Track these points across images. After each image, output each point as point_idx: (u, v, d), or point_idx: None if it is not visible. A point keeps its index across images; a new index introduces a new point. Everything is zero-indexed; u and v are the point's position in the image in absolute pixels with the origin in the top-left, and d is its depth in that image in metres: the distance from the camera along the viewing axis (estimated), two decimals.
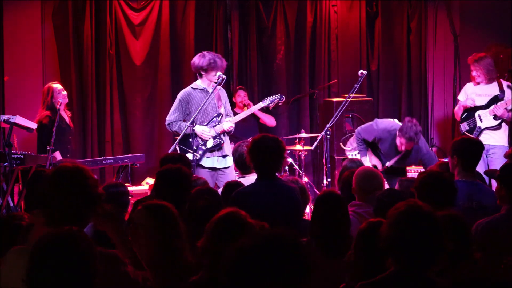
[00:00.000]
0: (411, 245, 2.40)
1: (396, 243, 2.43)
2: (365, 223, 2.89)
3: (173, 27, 8.11)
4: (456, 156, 4.09)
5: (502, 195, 3.49)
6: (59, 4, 7.75)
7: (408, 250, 2.41)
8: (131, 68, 8.05)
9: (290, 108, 8.38)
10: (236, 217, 2.66)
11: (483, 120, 6.54)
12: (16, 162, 5.48)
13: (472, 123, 6.60)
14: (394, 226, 2.45)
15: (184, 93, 5.99)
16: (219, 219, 2.68)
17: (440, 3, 8.44)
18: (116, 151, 7.93)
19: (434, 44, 8.47)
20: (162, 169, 3.85)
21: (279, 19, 8.31)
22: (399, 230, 2.43)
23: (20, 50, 7.71)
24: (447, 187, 3.56)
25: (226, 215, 2.69)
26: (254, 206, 3.70)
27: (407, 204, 2.49)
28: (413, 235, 2.40)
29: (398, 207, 2.50)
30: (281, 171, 4.25)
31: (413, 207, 2.48)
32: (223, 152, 5.94)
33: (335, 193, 3.58)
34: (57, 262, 2.11)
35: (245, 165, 4.79)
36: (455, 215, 2.92)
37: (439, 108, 8.56)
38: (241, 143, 5.00)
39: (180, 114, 5.91)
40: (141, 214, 2.92)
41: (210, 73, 5.87)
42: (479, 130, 6.52)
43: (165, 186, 3.75)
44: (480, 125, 6.54)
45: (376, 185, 4.09)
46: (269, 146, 3.85)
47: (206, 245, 2.64)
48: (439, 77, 8.52)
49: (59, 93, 6.49)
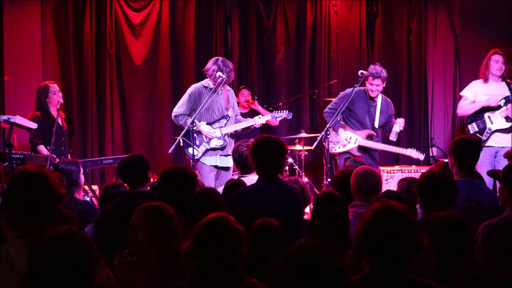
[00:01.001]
0: (384, 244, 2.39)
1: (370, 243, 2.42)
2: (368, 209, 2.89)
3: (173, 27, 8.12)
4: (453, 156, 4.09)
5: (505, 196, 3.47)
6: (59, 4, 7.76)
7: (382, 250, 2.39)
8: (131, 68, 8.06)
9: (290, 108, 8.37)
10: (224, 222, 2.61)
11: (493, 121, 6.28)
12: (16, 162, 5.48)
13: (482, 124, 6.33)
14: (367, 226, 2.44)
15: (195, 88, 6.01)
16: (206, 223, 2.63)
17: (440, 3, 8.44)
18: (116, 151, 7.94)
19: (434, 44, 8.46)
20: (166, 169, 3.86)
21: (279, 19, 8.31)
22: (372, 230, 2.42)
23: (20, 50, 7.72)
24: (448, 187, 3.56)
25: (213, 219, 2.63)
26: (255, 207, 3.71)
27: (380, 204, 2.48)
28: (386, 234, 2.39)
29: (372, 207, 2.49)
30: (282, 171, 4.27)
31: (385, 206, 2.46)
32: (226, 152, 5.97)
33: (334, 193, 3.57)
34: (56, 261, 2.12)
35: (244, 165, 4.79)
36: (456, 216, 2.92)
37: (439, 108, 8.55)
38: (241, 143, 5.01)
39: (187, 108, 5.94)
40: (141, 216, 2.92)
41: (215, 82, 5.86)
42: (489, 132, 6.28)
43: (169, 185, 3.75)
44: (490, 126, 6.28)
45: (374, 184, 4.08)
46: (271, 147, 3.85)
47: (192, 249, 2.60)
48: (439, 77, 8.52)
49: (54, 93, 6.37)
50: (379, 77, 6.14)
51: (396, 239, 2.38)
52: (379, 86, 6.20)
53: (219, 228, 2.59)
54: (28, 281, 2.15)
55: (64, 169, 4.70)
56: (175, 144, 5.79)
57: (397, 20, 8.42)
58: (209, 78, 5.94)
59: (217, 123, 5.99)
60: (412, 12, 8.40)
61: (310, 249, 2.06)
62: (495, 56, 6.35)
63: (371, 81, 6.16)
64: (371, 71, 6.16)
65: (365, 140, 6.20)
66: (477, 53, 7.88)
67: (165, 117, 8.08)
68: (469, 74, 8.36)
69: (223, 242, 2.54)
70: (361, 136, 6.20)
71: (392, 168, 7.28)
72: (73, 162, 4.83)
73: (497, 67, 6.34)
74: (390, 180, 7.02)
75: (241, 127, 6.10)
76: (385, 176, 7.10)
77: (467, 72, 8.39)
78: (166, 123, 8.06)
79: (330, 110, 6.27)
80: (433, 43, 8.46)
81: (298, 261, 2.01)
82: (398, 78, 8.48)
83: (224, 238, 2.55)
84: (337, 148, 6.28)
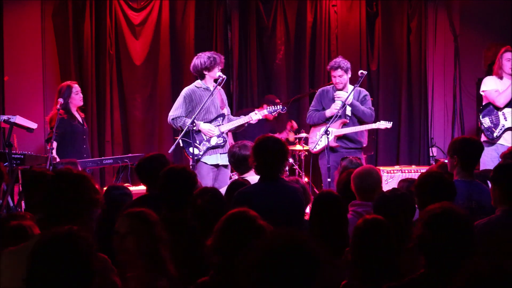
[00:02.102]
0: (446, 245, 2.41)
1: (432, 242, 2.44)
2: (360, 220, 2.92)
3: (173, 27, 8.12)
4: (455, 156, 4.09)
5: (496, 196, 3.48)
6: (59, 4, 7.76)
7: (443, 249, 2.42)
8: (131, 68, 8.06)
9: (290, 108, 8.38)
10: (247, 217, 2.64)
11: (507, 118, 6.17)
12: (16, 162, 5.47)
13: (496, 119, 6.20)
14: (431, 227, 2.46)
15: (188, 90, 6.08)
16: (229, 218, 2.66)
17: (440, 3, 8.44)
18: (116, 151, 7.94)
19: (434, 44, 8.46)
20: (166, 169, 3.85)
21: (279, 19, 8.32)
22: (436, 232, 2.44)
23: (20, 50, 7.71)
24: (446, 187, 3.56)
25: (236, 214, 2.66)
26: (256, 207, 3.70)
27: (443, 206, 2.52)
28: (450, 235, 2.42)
29: (432, 208, 2.52)
30: (283, 172, 4.28)
31: (449, 208, 2.49)
32: (225, 150, 6.01)
33: (333, 193, 3.59)
34: (56, 261, 2.12)
35: (239, 165, 4.80)
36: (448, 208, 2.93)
37: (439, 108, 8.55)
38: (234, 144, 5.06)
39: (183, 110, 5.99)
40: (127, 222, 2.87)
41: (213, 71, 6.00)
42: (503, 128, 6.17)
43: (170, 185, 3.75)
44: (504, 123, 6.17)
45: (373, 183, 4.07)
46: (272, 148, 3.86)
47: (215, 245, 2.62)
48: (439, 77, 8.52)
49: (77, 93, 6.32)
50: (338, 67, 6.29)
51: (458, 243, 2.42)
52: (342, 77, 6.31)
53: (241, 222, 2.60)
54: (28, 281, 2.15)
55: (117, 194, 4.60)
56: (175, 144, 5.81)
57: (397, 20, 8.42)
58: (207, 73, 5.99)
59: (215, 121, 6.03)
60: (412, 12, 8.40)
61: (281, 238, 2.02)
62: (506, 54, 6.26)
63: (333, 73, 6.34)
64: (330, 65, 6.39)
65: (339, 129, 6.31)
66: (477, 53, 7.90)
67: (165, 117, 8.02)
68: (469, 74, 8.37)
69: (244, 237, 2.53)
70: (335, 127, 6.28)
71: (392, 168, 7.29)
72: (71, 162, 4.81)
73: (509, 65, 6.24)
74: (390, 181, 7.02)
75: (239, 123, 6.16)
76: (385, 176, 7.10)
77: (467, 72, 8.40)
78: (166, 123, 8.00)
79: (310, 112, 6.52)
80: (433, 43, 8.46)
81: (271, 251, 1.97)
82: (398, 78, 8.47)
83: (246, 232, 2.55)
84: (317, 146, 6.35)
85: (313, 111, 6.52)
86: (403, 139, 8.35)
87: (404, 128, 8.36)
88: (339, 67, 6.30)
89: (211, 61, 5.96)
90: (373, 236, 2.81)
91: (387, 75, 8.46)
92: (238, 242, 2.53)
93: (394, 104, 8.51)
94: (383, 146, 8.40)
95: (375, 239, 2.80)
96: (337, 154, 6.23)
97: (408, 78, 8.45)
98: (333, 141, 6.25)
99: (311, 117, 6.52)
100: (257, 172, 3.94)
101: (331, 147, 6.18)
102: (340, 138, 6.35)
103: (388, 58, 8.42)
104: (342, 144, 6.33)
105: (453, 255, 2.42)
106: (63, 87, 6.36)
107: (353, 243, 2.88)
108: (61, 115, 6.15)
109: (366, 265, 2.78)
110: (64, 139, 6.19)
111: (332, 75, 6.37)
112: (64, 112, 6.21)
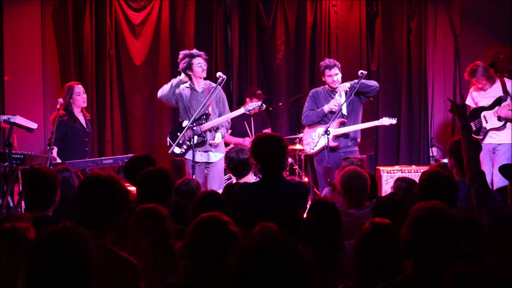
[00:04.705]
0: (432, 246, 2.39)
1: (417, 245, 2.42)
2: (368, 223, 2.85)
3: (173, 27, 8.12)
4: (453, 156, 4.09)
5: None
6: (59, 4, 7.76)
7: (429, 251, 2.40)
8: (131, 68, 8.06)
9: (290, 108, 8.38)
10: (218, 222, 2.60)
11: (488, 121, 6.68)
12: (16, 162, 5.47)
13: (478, 124, 6.72)
14: (416, 227, 2.44)
15: (178, 89, 6.25)
16: (200, 222, 2.62)
17: (440, 3, 8.43)
18: (116, 151, 7.94)
19: (434, 44, 8.46)
20: (143, 172, 3.85)
21: (279, 19, 8.31)
22: (420, 232, 2.42)
23: (20, 50, 7.72)
24: (449, 187, 3.55)
25: (208, 218, 2.62)
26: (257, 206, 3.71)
27: (427, 206, 2.48)
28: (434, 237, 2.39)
29: (417, 209, 2.49)
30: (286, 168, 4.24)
31: (433, 208, 2.46)
32: (205, 148, 6.17)
33: (328, 201, 3.42)
34: (54, 258, 2.14)
35: (237, 169, 4.81)
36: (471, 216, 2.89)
37: (439, 108, 8.55)
38: (231, 149, 5.11)
39: (179, 109, 6.28)
40: (139, 220, 2.89)
41: (194, 69, 6.16)
42: (485, 131, 6.68)
43: (148, 187, 3.74)
44: (485, 126, 6.68)
45: (360, 185, 3.95)
46: (270, 146, 3.83)
47: (185, 247, 2.60)
48: (439, 77, 8.51)
49: (78, 94, 6.29)
50: (334, 65, 6.40)
51: (444, 242, 2.40)
52: (338, 75, 6.41)
53: (211, 227, 2.58)
54: (28, 280, 2.16)
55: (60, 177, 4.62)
56: (175, 144, 5.83)
57: (397, 20, 8.42)
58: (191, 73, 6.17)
59: (197, 120, 6.10)
60: (412, 12, 8.40)
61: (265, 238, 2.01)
62: (473, 81, 6.82)
63: (329, 72, 6.39)
64: (325, 64, 6.45)
65: (338, 129, 6.33)
66: (477, 53, 7.89)
67: (165, 117, 8.08)
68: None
69: (214, 241, 2.52)
70: (333, 126, 6.28)
71: (392, 168, 7.29)
72: (65, 169, 4.73)
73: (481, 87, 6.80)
74: (390, 181, 7.02)
75: (218, 122, 6.19)
76: (385, 176, 7.10)
77: None
78: (166, 123, 8.07)
79: (306, 112, 6.53)
80: (433, 43, 8.45)
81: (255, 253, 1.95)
82: (398, 78, 8.47)
83: (215, 237, 2.53)
84: (314, 148, 6.34)
85: (309, 110, 6.52)
86: (403, 139, 8.34)
87: (404, 128, 8.35)
88: (335, 65, 6.39)
89: (184, 62, 6.16)
90: (381, 240, 2.75)
91: (387, 75, 8.46)
92: (207, 247, 2.53)
93: (394, 104, 8.51)
94: (383, 146, 8.40)
95: (383, 243, 2.74)
96: (335, 153, 6.24)
97: (408, 78, 8.45)
98: (331, 141, 6.25)
99: (309, 116, 6.50)
100: (259, 173, 3.92)
101: (331, 147, 6.18)
102: (338, 137, 6.36)
103: (388, 58, 8.42)
104: (339, 143, 6.35)
105: (440, 256, 2.40)
106: (65, 88, 6.37)
107: (359, 246, 2.81)
108: (61, 116, 6.14)
109: (370, 269, 2.72)
110: (65, 141, 6.18)
111: (327, 74, 6.44)
112: (65, 113, 6.20)
